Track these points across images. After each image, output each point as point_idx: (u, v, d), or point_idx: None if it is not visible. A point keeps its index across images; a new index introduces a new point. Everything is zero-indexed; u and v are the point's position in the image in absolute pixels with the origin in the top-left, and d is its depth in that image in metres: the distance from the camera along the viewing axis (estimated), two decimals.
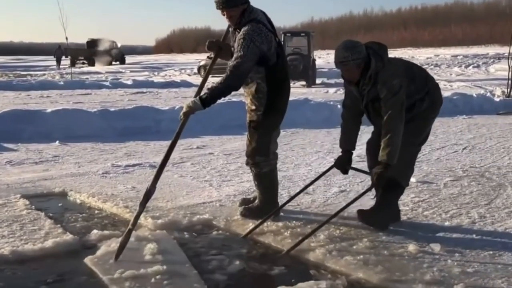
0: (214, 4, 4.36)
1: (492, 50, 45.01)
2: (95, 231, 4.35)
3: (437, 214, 4.81)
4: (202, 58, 34.74)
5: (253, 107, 4.54)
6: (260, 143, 4.59)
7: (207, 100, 4.17)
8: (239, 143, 8.26)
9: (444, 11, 79.70)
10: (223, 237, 4.37)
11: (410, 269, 3.62)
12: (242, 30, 4.29)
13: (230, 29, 4.56)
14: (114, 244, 3.98)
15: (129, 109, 10.86)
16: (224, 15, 4.40)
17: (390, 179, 4.27)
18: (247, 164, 4.74)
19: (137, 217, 4.04)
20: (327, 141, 8.76)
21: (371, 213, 4.42)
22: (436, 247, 3.96)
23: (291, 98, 4.66)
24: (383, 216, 4.39)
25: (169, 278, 3.50)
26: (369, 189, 4.26)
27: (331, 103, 12.48)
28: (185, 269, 3.67)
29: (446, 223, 4.58)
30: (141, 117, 10.30)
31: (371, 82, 4.09)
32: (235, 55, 4.26)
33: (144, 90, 19.70)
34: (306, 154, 7.75)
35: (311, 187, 5.50)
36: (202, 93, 4.24)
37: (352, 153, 4.47)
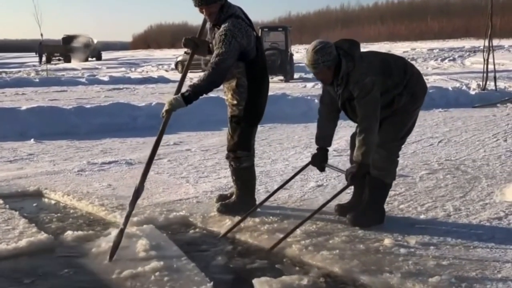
0: (192, 1, 4.32)
1: (467, 43, 45.58)
2: (70, 232, 4.29)
3: (413, 208, 4.84)
4: (179, 53, 34.55)
5: (235, 102, 4.53)
6: (242, 138, 4.60)
7: (190, 97, 4.16)
8: (217, 139, 8.22)
9: (421, 5, 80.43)
10: (200, 235, 4.36)
11: (386, 262, 3.65)
12: (223, 26, 4.27)
13: (209, 25, 4.53)
14: (104, 244, 3.95)
15: (105, 106, 10.75)
16: (202, 12, 4.38)
17: (375, 179, 4.28)
18: (227, 158, 4.72)
19: (128, 217, 4.02)
20: (305, 136, 8.77)
21: (361, 215, 4.37)
22: (411, 240, 3.99)
23: (268, 93, 4.66)
24: (373, 217, 4.37)
25: (168, 275, 3.48)
26: (344, 189, 4.28)
27: (309, 97, 12.49)
28: (182, 264, 3.67)
29: (422, 216, 4.61)
30: (117, 114, 10.22)
31: (343, 83, 4.09)
32: (216, 52, 4.24)
33: (121, 86, 19.51)
34: (283, 149, 7.75)
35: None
36: (183, 90, 4.22)
37: (327, 150, 4.47)
